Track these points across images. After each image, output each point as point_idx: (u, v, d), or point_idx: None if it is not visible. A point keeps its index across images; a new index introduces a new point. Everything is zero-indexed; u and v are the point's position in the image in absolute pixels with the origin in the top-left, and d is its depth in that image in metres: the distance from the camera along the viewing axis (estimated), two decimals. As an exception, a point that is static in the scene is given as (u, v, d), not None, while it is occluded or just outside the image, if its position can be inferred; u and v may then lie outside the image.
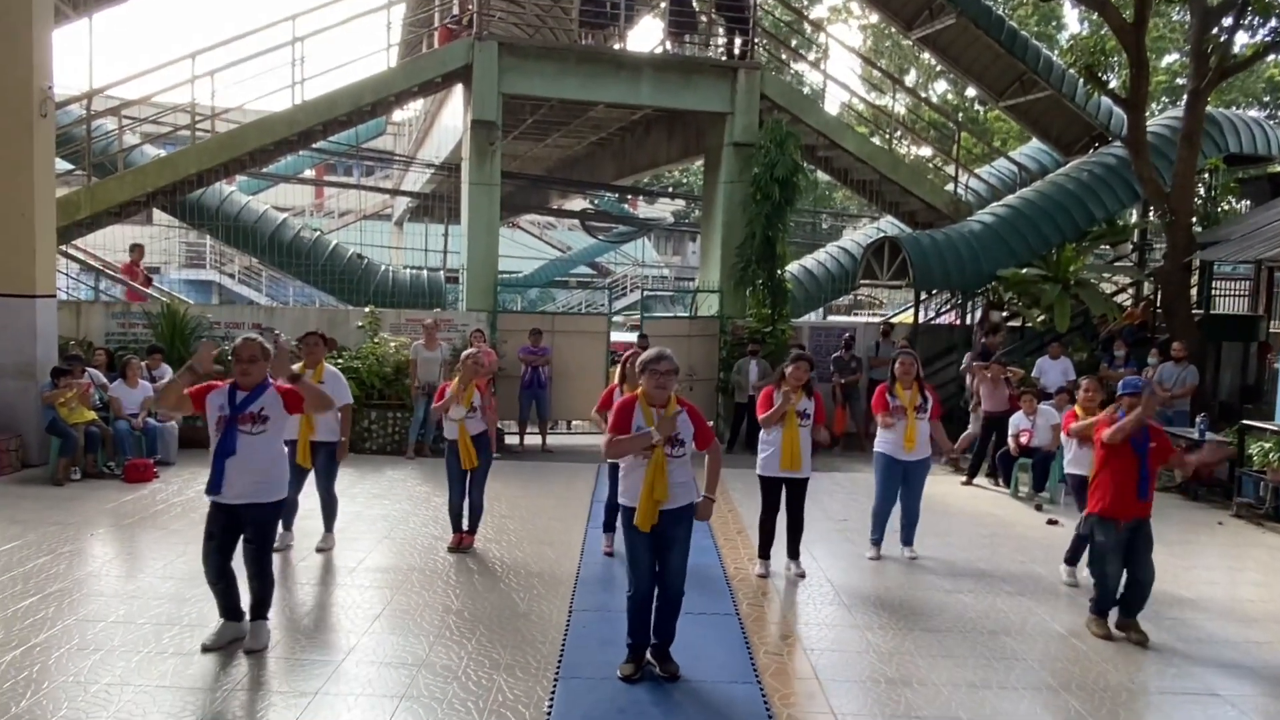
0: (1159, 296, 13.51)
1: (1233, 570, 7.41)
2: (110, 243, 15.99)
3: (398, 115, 28.63)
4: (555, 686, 4.72)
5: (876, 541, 7.39)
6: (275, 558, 6.64)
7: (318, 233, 16.31)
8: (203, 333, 11.74)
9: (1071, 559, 6.85)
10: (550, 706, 4.51)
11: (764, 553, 6.84)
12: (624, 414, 4.84)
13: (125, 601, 5.71)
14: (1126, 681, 5.09)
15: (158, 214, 18.81)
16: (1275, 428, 9.26)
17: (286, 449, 5.30)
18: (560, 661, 5.03)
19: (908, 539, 7.43)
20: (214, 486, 4.90)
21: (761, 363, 12.36)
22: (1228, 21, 12.27)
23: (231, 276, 29.67)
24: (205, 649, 4.98)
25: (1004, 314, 14.24)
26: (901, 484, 7.25)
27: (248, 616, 5.12)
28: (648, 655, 4.96)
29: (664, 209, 35.15)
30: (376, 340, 11.79)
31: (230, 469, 4.87)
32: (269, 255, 14.90)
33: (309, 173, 31.04)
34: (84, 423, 9.17)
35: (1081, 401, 6.95)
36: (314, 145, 15.03)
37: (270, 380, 5.04)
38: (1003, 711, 4.64)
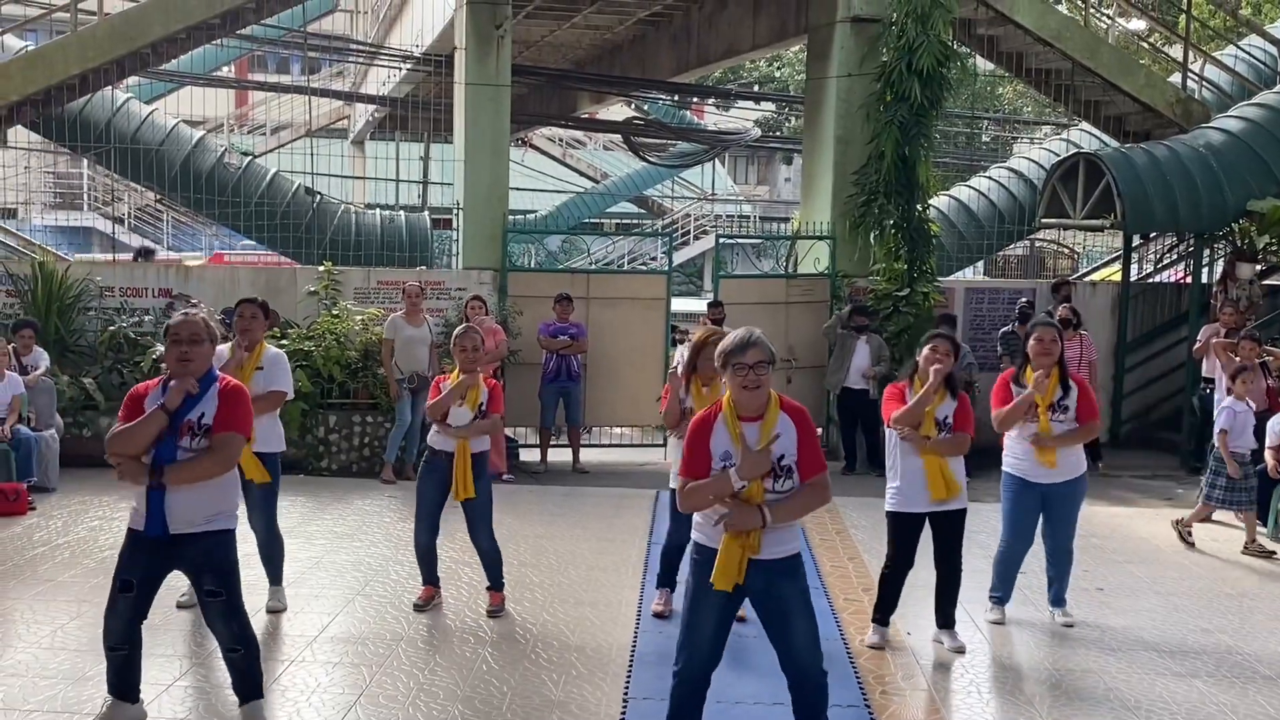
0: None
1: None
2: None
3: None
4: (610, 805, 4.88)
5: (1000, 599, 7.46)
6: (190, 616, 6.93)
7: (248, 157, 16.63)
8: (89, 301, 12.09)
9: None
10: (604, 833, 4.66)
11: (881, 616, 6.95)
12: (700, 439, 4.78)
13: (2, 681, 5.96)
14: None
15: (13, 133, 19.23)
16: None
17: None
18: (615, 771, 5.19)
19: (1057, 597, 7.49)
20: (154, 521, 5.07)
21: (874, 340, 12.41)
22: None
23: (119, 222, 30.24)
24: None
25: (1259, 267, 14.09)
26: (1043, 517, 7.30)
27: (237, 697, 5.36)
28: None
29: (744, 117, 35.12)
30: (336, 312, 12.04)
31: (172, 494, 5.06)
32: (179, 189, 15.23)
33: (226, 71, 31.46)
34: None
35: None
36: (240, 31, 15.33)
37: (216, 374, 5.26)
38: None
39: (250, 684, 5.37)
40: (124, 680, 5.32)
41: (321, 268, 12.69)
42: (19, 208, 29.00)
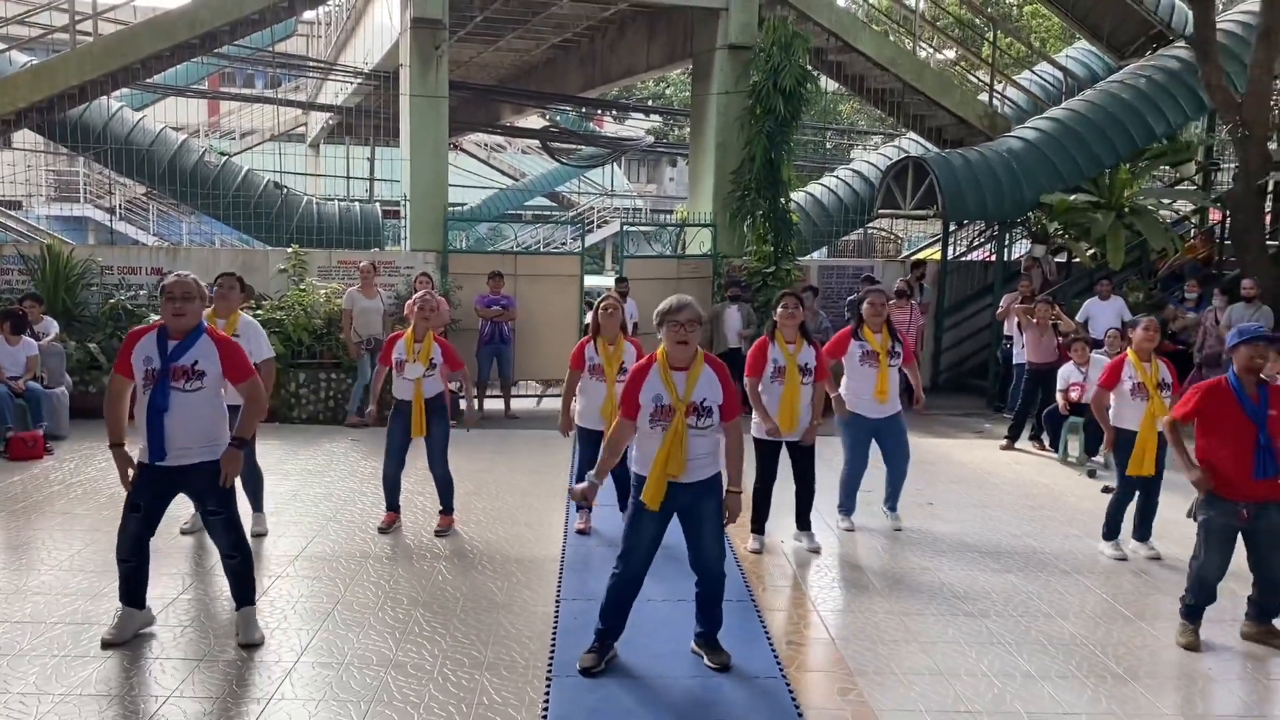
0: (1227, 225, 13.75)
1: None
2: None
3: (310, 14, 28.08)
4: (549, 686, 4.86)
5: (847, 511, 7.65)
6: (192, 542, 6.77)
7: (225, 157, 16.11)
8: (92, 278, 11.66)
9: (1109, 533, 7.17)
10: (546, 708, 4.64)
11: (757, 526, 7.09)
12: (636, 384, 4.91)
13: (29, 599, 5.76)
14: (1201, 666, 5.33)
15: (18, 135, 18.46)
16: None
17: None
18: (552, 658, 5.17)
19: (891, 503, 7.70)
20: (156, 451, 4.96)
21: (744, 308, 12.51)
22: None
23: (111, 212, 29.23)
24: (106, 644, 5.10)
25: (1047, 247, 14.44)
26: (879, 444, 7.47)
27: (234, 602, 5.30)
28: (694, 645, 5.21)
29: (638, 127, 34.93)
30: (303, 287, 11.77)
31: (170, 427, 4.94)
32: (167, 184, 14.70)
33: (202, 85, 30.44)
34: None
35: (1139, 343, 7.09)
36: (216, 50, 14.78)
37: (205, 326, 5.10)
38: (1063, 703, 4.85)
39: (245, 588, 5.27)
40: (132, 589, 5.21)
41: (290, 249, 12.36)
42: (23, 200, 27.89)
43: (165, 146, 14.37)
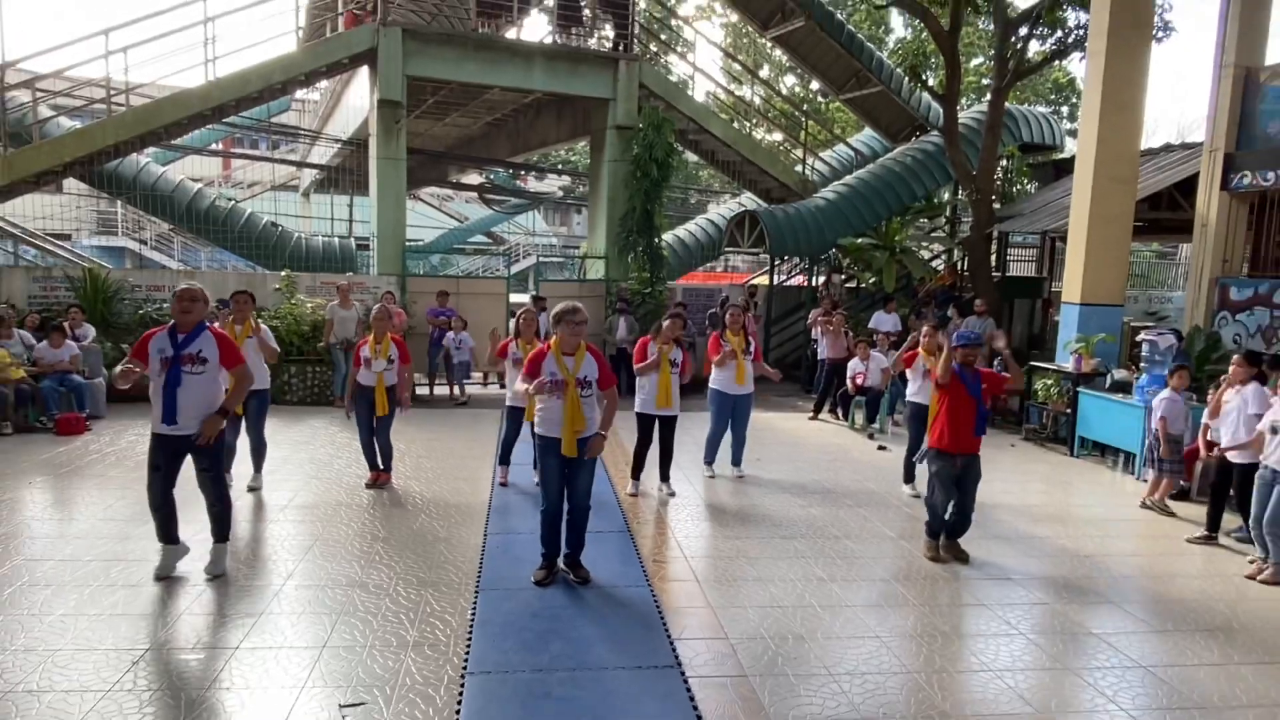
0: (966, 261, 14.38)
1: (1022, 482, 8.12)
2: (26, 210, 14.72)
3: (301, 93, 27.10)
4: (476, 598, 4.83)
5: (710, 462, 7.78)
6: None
7: (232, 202, 15.44)
8: (124, 295, 11.06)
9: (908, 479, 7.42)
10: (473, 614, 4.61)
11: (635, 475, 7.15)
12: (537, 361, 4.94)
13: (70, 542, 5.47)
14: (942, 571, 5.60)
15: (68, 182, 17.38)
16: (1054, 368, 10.10)
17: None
18: (479, 577, 5.13)
19: (737, 461, 7.82)
20: (168, 418, 4.76)
21: (628, 319, 12.57)
22: (1024, 31, 13.04)
23: (144, 243, 27.73)
24: (159, 577, 4.87)
25: (843, 276, 14.84)
26: (731, 415, 7.61)
27: (212, 538, 5.06)
28: (560, 564, 5.15)
29: (552, 184, 34.72)
30: (294, 301, 11.37)
31: (180, 400, 4.76)
32: (186, 223, 14.02)
33: (217, 145, 29.12)
34: (14, 381, 8.56)
35: (924, 346, 7.38)
36: (225, 119, 14.13)
37: (206, 324, 4.92)
38: (845, 599, 5.04)
39: (221, 528, 5.06)
40: (166, 530, 4.97)
41: (283, 273, 11.92)
42: (71, 233, 26.28)
43: (183, 193, 13.69)
